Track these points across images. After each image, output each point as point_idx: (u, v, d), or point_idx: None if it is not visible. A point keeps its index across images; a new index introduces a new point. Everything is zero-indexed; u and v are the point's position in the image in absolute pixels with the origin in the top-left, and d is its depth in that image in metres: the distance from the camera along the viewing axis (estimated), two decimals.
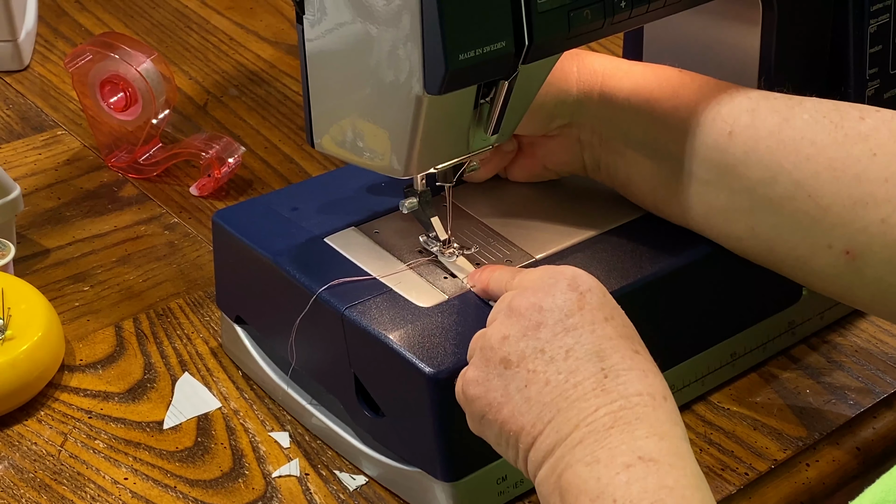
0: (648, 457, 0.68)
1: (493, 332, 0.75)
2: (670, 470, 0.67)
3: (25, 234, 1.08)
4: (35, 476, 0.87)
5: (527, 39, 0.78)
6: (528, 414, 0.72)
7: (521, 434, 0.72)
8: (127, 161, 1.16)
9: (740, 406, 0.93)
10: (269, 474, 0.88)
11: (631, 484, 0.67)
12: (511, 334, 0.74)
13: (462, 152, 0.84)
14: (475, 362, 0.76)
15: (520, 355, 0.73)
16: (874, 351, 0.98)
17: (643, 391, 0.71)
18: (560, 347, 0.73)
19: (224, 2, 1.43)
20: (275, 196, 0.96)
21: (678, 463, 0.68)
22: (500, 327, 0.75)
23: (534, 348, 0.73)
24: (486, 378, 0.74)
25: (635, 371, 0.72)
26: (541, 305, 0.74)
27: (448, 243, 0.88)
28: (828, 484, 0.89)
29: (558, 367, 0.72)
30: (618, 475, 0.67)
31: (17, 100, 1.26)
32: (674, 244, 0.90)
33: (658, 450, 0.68)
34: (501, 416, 0.73)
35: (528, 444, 0.72)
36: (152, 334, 0.99)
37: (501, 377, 0.74)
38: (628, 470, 0.67)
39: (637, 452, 0.68)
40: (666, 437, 0.69)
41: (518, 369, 0.73)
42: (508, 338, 0.74)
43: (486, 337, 0.75)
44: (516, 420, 0.73)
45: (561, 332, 0.73)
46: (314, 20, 0.80)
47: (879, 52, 0.96)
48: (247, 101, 1.27)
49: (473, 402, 0.75)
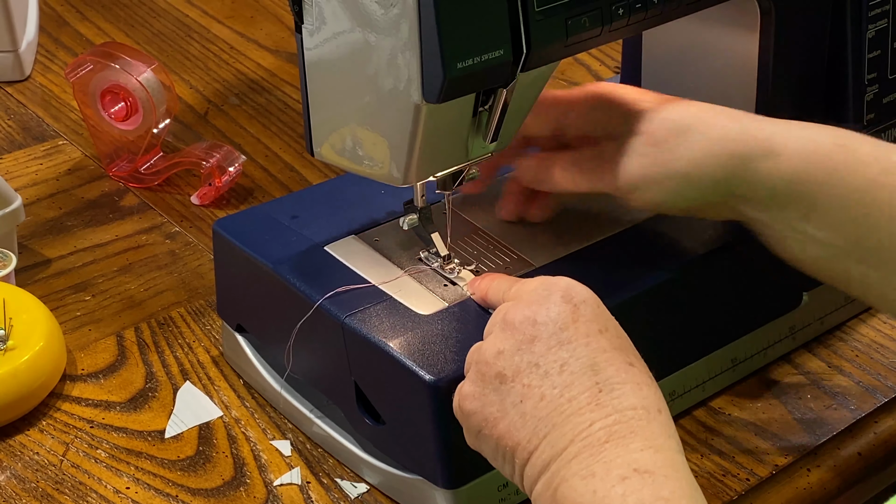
0: (644, 469, 0.68)
1: (488, 346, 0.75)
2: (665, 481, 0.68)
3: (27, 244, 1.09)
4: (37, 486, 0.87)
5: (525, 47, 0.78)
6: (524, 429, 0.72)
7: (517, 449, 0.72)
8: (128, 170, 1.16)
9: (741, 411, 0.93)
10: (270, 483, 0.88)
11: (627, 496, 0.67)
12: (506, 349, 0.74)
13: (461, 160, 0.84)
14: (471, 377, 0.76)
15: (515, 370, 0.73)
16: (875, 356, 0.98)
17: (637, 405, 0.71)
18: (554, 361, 0.73)
19: (224, 11, 1.44)
20: (275, 204, 0.96)
21: (673, 474, 0.68)
22: (494, 341, 0.75)
23: (528, 363, 0.73)
24: (483, 393, 0.74)
25: (630, 384, 0.72)
26: (535, 319, 0.74)
27: (448, 259, 0.88)
28: (829, 489, 0.89)
29: (553, 382, 0.72)
30: (614, 488, 0.67)
31: (19, 110, 1.26)
32: (673, 250, 0.90)
33: (653, 462, 0.68)
34: (497, 432, 0.73)
35: (523, 460, 0.72)
36: (154, 343, 0.99)
37: (497, 392, 0.74)
38: (624, 482, 0.67)
39: (633, 465, 0.68)
40: (661, 449, 0.69)
41: (513, 384, 0.73)
42: (503, 352, 0.74)
43: (481, 351, 0.75)
44: (512, 435, 0.73)
45: (555, 345, 0.73)
46: (313, 29, 0.81)
47: (878, 57, 0.96)
48: (247, 110, 1.27)
49: (470, 417, 0.75)
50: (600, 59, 1.36)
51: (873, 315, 1.02)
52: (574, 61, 1.35)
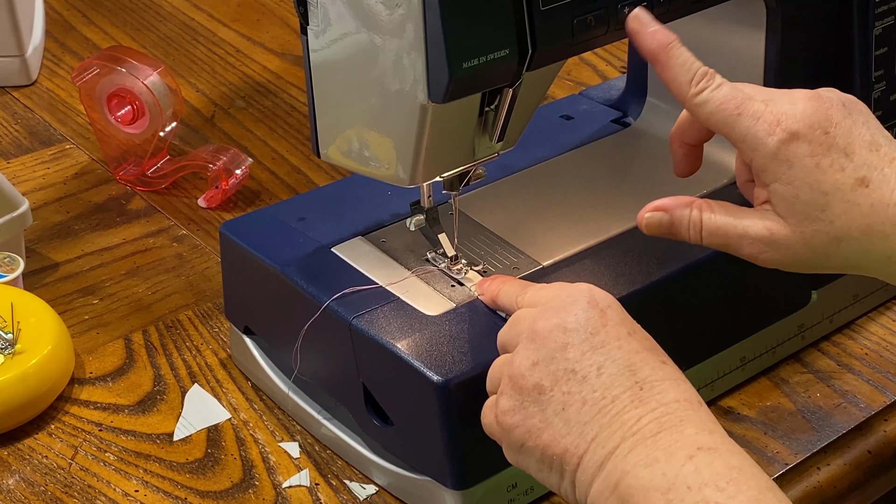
0: (707, 446, 0.68)
1: (520, 359, 0.74)
2: (731, 455, 0.68)
3: (35, 248, 1.09)
4: (46, 490, 0.87)
5: (530, 47, 0.78)
6: (570, 435, 0.72)
7: (566, 456, 0.72)
8: (135, 174, 1.16)
9: (750, 410, 0.93)
10: (279, 485, 0.88)
11: (700, 470, 0.67)
12: (540, 359, 0.74)
13: (468, 160, 0.84)
14: (506, 391, 0.75)
15: (552, 379, 0.73)
16: (884, 354, 0.98)
17: (680, 398, 0.71)
18: (591, 366, 0.73)
19: (230, 14, 1.44)
20: (282, 206, 0.96)
21: (736, 450, 0.69)
22: (526, 353, 0.74)
23: (565, 370, 0.73)
24: (522, 406, 0.74)
25: (668, 381, 0.72)
26: (565, 326, 0.74)
27: (455, 260, 0.88)
28: (839, 488, 0.89)
29: (593, 385, 0.72)
30: (683, 466, 0.67)
31: (26, 114, 1.26)
32: (681, 249, 0.90)
33: (713, 441, 0.69)
34: (542, 442, 0.73)
35: (574, 465, 0.72)
36: (162, 346, 0.99)
37: (537, 403, 0.73)
38: (692, 460, 0.67)
39: (695, 445, 0.68)
40: (715, 432, 0.70)
41: (553, 393, 0.73)
42: (538, 363, 0.74)
43: (513, 365, 0.75)
44: (558, 443, 0.72)
45: (589, 350, 0.73)
46: (318, 31, 0.80)
47: (885, 55, 0.96)
48: (254, 113, 1.27)
49: (512, 432, 0.74)
50: (606, 59, 1.36)
51: (882, 313, 1.01)
52: (580, 61, 1.35)
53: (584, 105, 1.07)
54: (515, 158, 0.97)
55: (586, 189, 0.96)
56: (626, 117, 1.05)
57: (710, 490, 0.66)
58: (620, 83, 1.07)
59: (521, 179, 0.97)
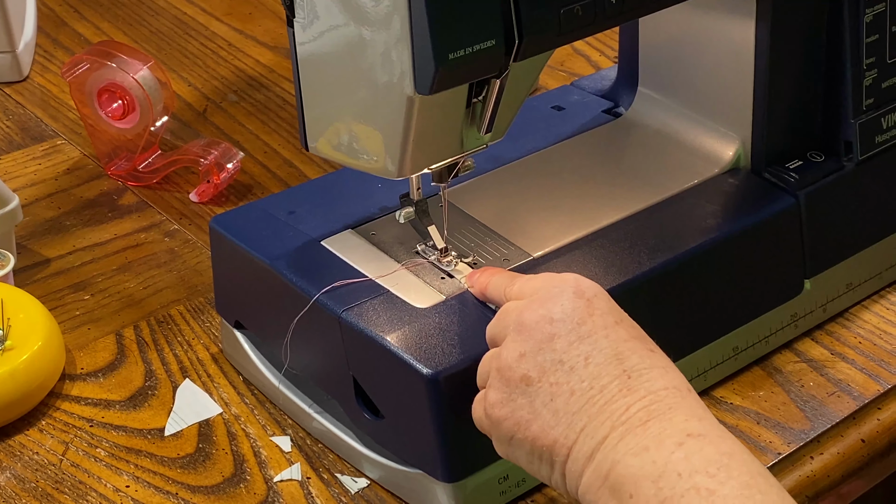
0: (697, 433, 0.68)
1: (507, 352, 0.74)
2: (721, 441, 0.68)
3: (26, 244, 1.08)
4: (37, 486, 0.87)
5: (517, 37, 0.77)
6: (559, 426, 0.72)
7: (555, 447, 0.72)
8: (126, 169, 1.16)
9: (743, 400, 0.93)
10: (270, 479, 0.87)
11: (690, 457, 0.67)
12: (527, 350, 0.73)
13: (456, 152, 0.84)
14: (494, 384, 0.75)
15: (540, 370, 0.73)
16: (878, 342, 0.98)
17: (668, 385, 0.71)
18: (578, 356, 0.72)
19: (222, 8, 1.43)
20: (271, 200, 0.95)
21: (726, 435, 0.69)
22: (513, 345, 0.74)
23: (552, 360, 0.73)
24: (510, 398, 0.74)
25: (656, 369, 0.72)
26: (551, 317, 0.74)
27: (445, 252, 0.87)
28: (833, 477, 0.89)
29: (580, 376, 0.72)
30: (673, 453, 0.67)
31: (17, 110, 1.26)
32: (672, 239, 0.89)
33: (703, 427, 0.69)
34: (531, 433, 0.73)
35: (563, 456, 0.72)
36: (153, 341, 0.99)
37: (525, 395, 0.73)
38: (682, 447, 0.67)
39: (685, 432, 0.68)
40: (704, 418, 0.70)
41: (541, 384, 0.73)
42: (525, 355, 0.73)
43: (500, 358, 0.75)
44: (547, 434, 0.72)
45: (575, 340, 0.73)
46: (305, 23, 0.80)
47: (876, 42, 0.95)
48: (246, 107, 1.27)
49: (500, 424, 0.74)
50: (599, 49, 1.35)
51: (876, 301, 1.01)
52: (573, 52, 1.35)
53: (575, 95, 1.07)
54: (506, 149, 0.97)
55: (577, 180, 0.96)
56: (617, 107, 1.04)
57: (701, 476, 0.66)
58: (612, 73, 1.07)
59: (511, 171, 0.97)
